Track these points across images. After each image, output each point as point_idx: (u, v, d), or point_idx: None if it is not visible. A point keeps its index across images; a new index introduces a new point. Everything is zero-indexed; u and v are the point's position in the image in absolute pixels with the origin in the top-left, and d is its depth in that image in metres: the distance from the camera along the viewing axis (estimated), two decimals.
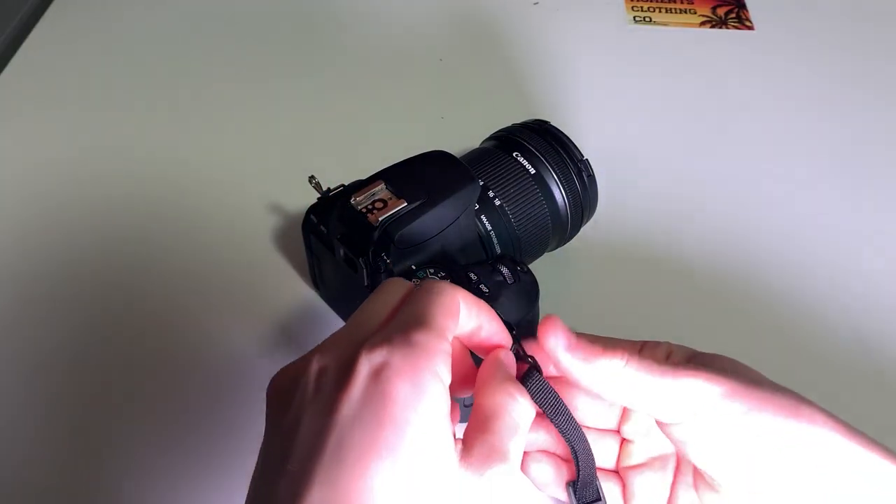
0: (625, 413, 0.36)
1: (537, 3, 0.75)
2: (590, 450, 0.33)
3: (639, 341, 0.34)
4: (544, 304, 0.40)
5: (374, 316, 0.29)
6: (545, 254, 0.48)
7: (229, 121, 0.63)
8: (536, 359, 0.32)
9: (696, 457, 0.31)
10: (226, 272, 0.51)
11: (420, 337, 0.27)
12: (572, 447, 0.32)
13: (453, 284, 0.30)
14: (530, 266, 0.40)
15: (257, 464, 0.28)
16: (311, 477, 0.25)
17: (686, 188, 0.57)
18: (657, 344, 0.33)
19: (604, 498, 0.34)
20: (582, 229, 0.48)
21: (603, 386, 0.31)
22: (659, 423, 0.32)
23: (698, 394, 0.30)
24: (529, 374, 0.31)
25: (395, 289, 0.31)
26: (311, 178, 0.45)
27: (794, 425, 0.29)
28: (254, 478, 0.28)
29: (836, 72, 0.68)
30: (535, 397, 0.30)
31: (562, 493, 0.35)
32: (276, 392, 0.29)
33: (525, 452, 0.35)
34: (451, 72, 0.68)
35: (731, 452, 0.30)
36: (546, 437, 0.34)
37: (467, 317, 0.30)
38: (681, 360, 0.32)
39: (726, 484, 0.32)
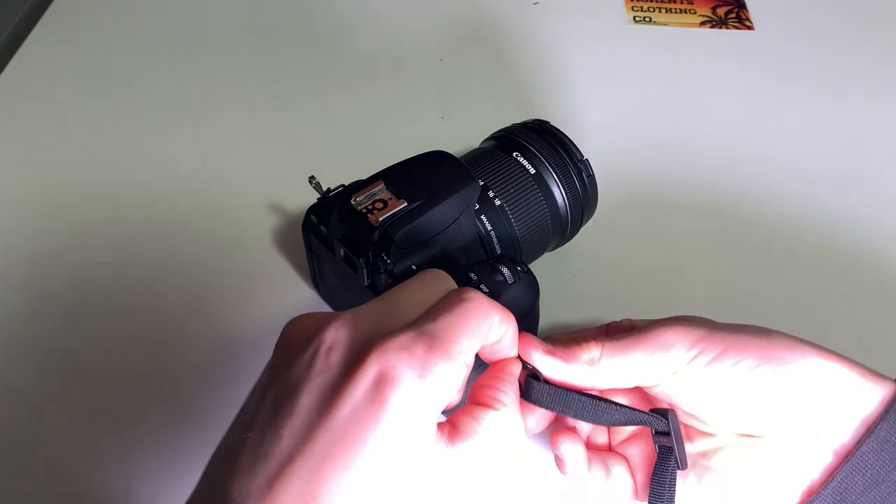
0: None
1: (537, 3, 0.75)
2: (623, 415, 0.33)
3: (602, 325, 0.39)
4: (544, 304, 0.40)
5: (405, 308, 0.29)
6: (545, 254, 0.48)
7: (229, 121, 0.63)
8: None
9: (688, 406, 0.33)
10: (226, 272, 0.51)
11: (438, 363, 0.27)
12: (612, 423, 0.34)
13: (491, 300, 0.30)
14: (530, 266, 0.40)
15: (246, 405, 0.28)
16: (297, 459, 0.25)
17: (686, 188, 0.57)
18: (619, 322, 0.38)
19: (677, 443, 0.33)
20: (582, 229, 0.48)
21: (592, 379, 0.33)
22: (646, 389, 0.34)
23: (671, 352, 0.32)
24: (532, 381, 0.33)
25: (436, 284, 0.31)
26: (311, 178, 0.45)
27: (769, 357, 0.31)
28: (240, 419, 0.28)
29: (836, 72, 0.68)
30: (544, 401, 0.32)
31: (586, 477, 0.35)
32: (287, 342, 0.29)
33: (556, 432, 0.35)
34: (451, 72, 0.68)
35: (716, 394, 0.32)
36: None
37: (496, 333, 0.30)
38: (645, 325, 0.35)
39: (719, 425, 0.33)
